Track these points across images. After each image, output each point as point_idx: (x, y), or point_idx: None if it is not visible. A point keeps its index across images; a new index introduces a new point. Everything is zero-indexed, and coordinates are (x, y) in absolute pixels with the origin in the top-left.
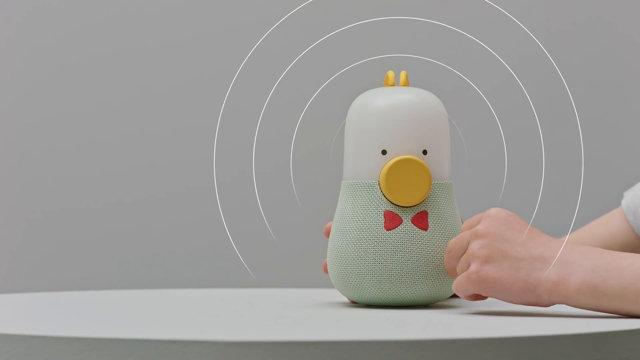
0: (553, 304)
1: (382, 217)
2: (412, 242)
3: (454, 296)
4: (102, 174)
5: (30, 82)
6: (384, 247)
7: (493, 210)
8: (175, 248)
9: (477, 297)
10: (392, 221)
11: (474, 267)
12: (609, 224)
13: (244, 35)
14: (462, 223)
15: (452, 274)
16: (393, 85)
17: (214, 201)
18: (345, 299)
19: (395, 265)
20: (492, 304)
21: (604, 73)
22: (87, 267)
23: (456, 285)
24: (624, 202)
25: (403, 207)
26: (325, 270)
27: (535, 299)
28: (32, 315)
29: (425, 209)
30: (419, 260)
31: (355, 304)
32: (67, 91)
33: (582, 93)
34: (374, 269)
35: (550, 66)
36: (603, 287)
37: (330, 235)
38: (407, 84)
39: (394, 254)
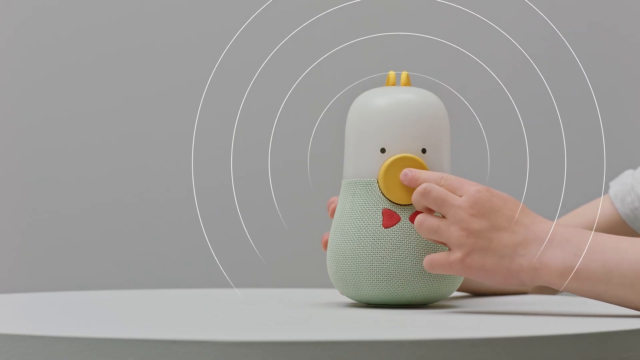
0: (537, 285)
1: (381, 215)
2: (409, 239)
3: (454, 294)
4: (102, 174)
5: (31, 82)
6: (382, 245)
7: (475, 189)
8: (175, 248)
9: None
10: (390, 219)
11: (457, 255)
12: (595, 209)
13: (244, 36)
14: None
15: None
16: (394, 85)
17: (214, 201)
18: (345, 299)
19: (393, 262)
20: (492, 304)
21: (604, 75)
22: (87, 267)
23: (432, 265)
24: (611, 191)
25: (401, 205)
26: (325, 247)
27: (519, 283)
28: (32, 315)
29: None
30: (417, 257)
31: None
32: (67, 92)
33: (581, 95)
34: (372, 266)
35: (550, 68)
36: (586, 272)
37: (330, 234)
38: (408, 83)
39: (392, 251)
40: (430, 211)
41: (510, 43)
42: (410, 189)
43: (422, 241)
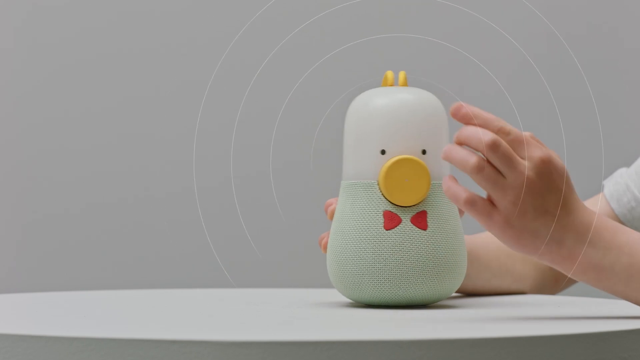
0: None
1: (382, 217)
2: (411, 241)
3: (454, 295)
4: (102, 174)
5: (31, 82)
6: (383, 247)
7: (539, 158)
8: (175, 248)
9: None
10: (391, 221)
11: (499, 216)
12: (592, 208)
13: (244, 35)
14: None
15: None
16: (392, 85)
17: (214, 201)
18: (345, 299)
19: (395, 265)
20: (492, 304)
21: (604, 77)
22: (87, 267)
23: (472, 205)
24: (606, 190)
25: (402, 206)
26: (324, 249)
27: (537, 260)
28: (32, 315)
29: (425, 209)
30: (419, 260)
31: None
32: (67, 92)
33: (582, 96)
34: (373, 268)
35: (551, 69)
36: (610, 272)
37: (330, 235)
38: (405, 84)
39: (393, 253)
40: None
41: (510, 44)
42: (412, 191)
43: (423, 242)
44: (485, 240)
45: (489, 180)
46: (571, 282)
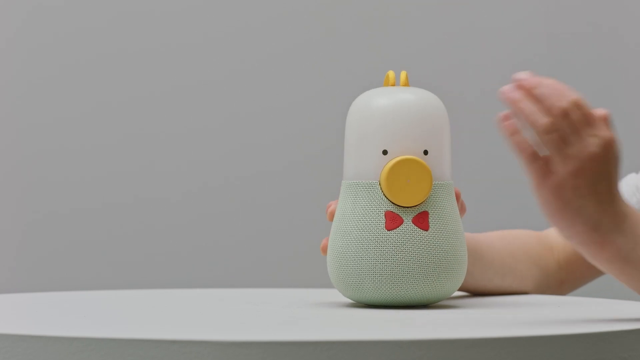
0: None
1: (383, 217)
2: (413, 242)
3: (455, 295)
4: (102, 175)
5: (31, 82)
6: (384, 247)
7: (608, 136)
8: (175, 248)
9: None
10: (393, 221)
11: (555, 179)
12: None
13: (243, 36)
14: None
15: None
16: (393, 85)
17: (214, 201)
18: (345, 299)
19: (396, 265)
20: (492, 304)
21: (604, 78)
22: (87, 267)
23: (527, 164)
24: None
25: (404, 207)
26: (324, 252)
27: (567, 241)
28: (32, 315)
29: (426, 209)
30: (420, 260)
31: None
32: (67, 92)
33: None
34: (374, 269)
35: (551, 68)
36: (635, 264)
37: (330, 235)
38: (407, 84)
39: (395, 254)
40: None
41: (509, 43)
42: (413, 192)
43: (425, 243)
44: (490, 239)
45: (554, 143)
46: (576, 286)
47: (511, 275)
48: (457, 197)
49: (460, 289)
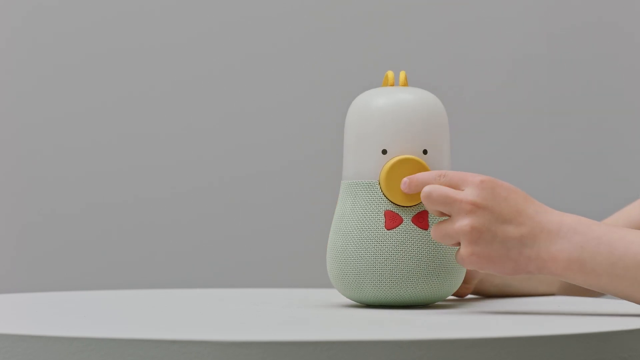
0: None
1: (383, 216)
2: (412, 241)
3: (455, 295)
4: (102, 174)
5: (30, 82)
6: (384, 246)
7: (478, 180)
8: (175, 248)
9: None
10: (392, 221)
11: (465, 249)
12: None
13: (243, 35)
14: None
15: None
16: (392, 85)
17: (214, 201)
18: (345, 299)
19: (396, 264)
20: (492, 304)
21: (604, 74)
22: (87, 267)
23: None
24: None
25: (403, 206)
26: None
27: (527, 274)
28: (32, 315)
29: (426, 209)
30: (420, 259)
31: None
32: (66, 91)
33: (581, 94)
34: (374, 268)
35: (550, 67)
36: (592, 264)
37: (330, 235)
38: (406, 84)
39: (395, 253)
40: (441, 215)
41: (509, 43)
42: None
43: (424, 242)
44: None
45: (440, 232)
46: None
47: (535, 279)
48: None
49: (480, 293)
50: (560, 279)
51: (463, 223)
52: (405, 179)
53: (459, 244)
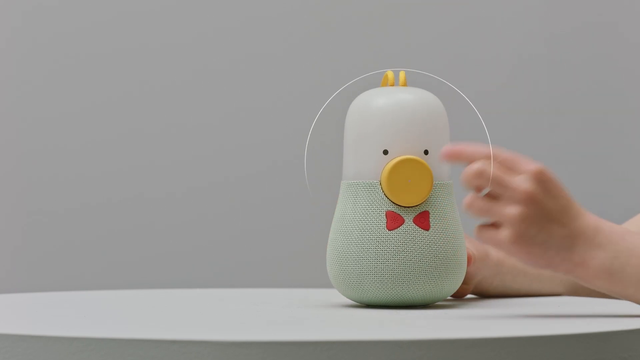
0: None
1: (384, 217)
2: (414, 242)
3: (454, 296)
4: (102, 174)
5: (30, 82)
6: (385, 247)
7: (534, 169)
8: (175, 248)
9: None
10: (394, 221)
11: (508, 235)
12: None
13: (243, 35)
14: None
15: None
16: (392, 85)
17: (214, 201)
18: (345, 299)
19: (397, 265)
20: (492, 304)
21: (604, 74)
22: (87, 267)
23: (480, 236)
24: None
25: (405, 207)
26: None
27: (552, 272)
28: (32, 315)
29: (427, 209)
30: (421, 260)
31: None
32: (66, 91)
33: (581, 94)
34: (375, 269)
35: (550, 67)
36: (621, 275)
37: (330, 236)
38: (405, 84)
39: (396, 254)
40: (479, 189)
41: (509, 41)
42: (414, 192)
43: (426, 243)
44: None
45: (481, 210)
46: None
47: (537, 281)
48: (469, 261)
49: (479, 294)
50: (584, 284)
51: (513, 210)
52: (448, 147)
53: (493, 225)
